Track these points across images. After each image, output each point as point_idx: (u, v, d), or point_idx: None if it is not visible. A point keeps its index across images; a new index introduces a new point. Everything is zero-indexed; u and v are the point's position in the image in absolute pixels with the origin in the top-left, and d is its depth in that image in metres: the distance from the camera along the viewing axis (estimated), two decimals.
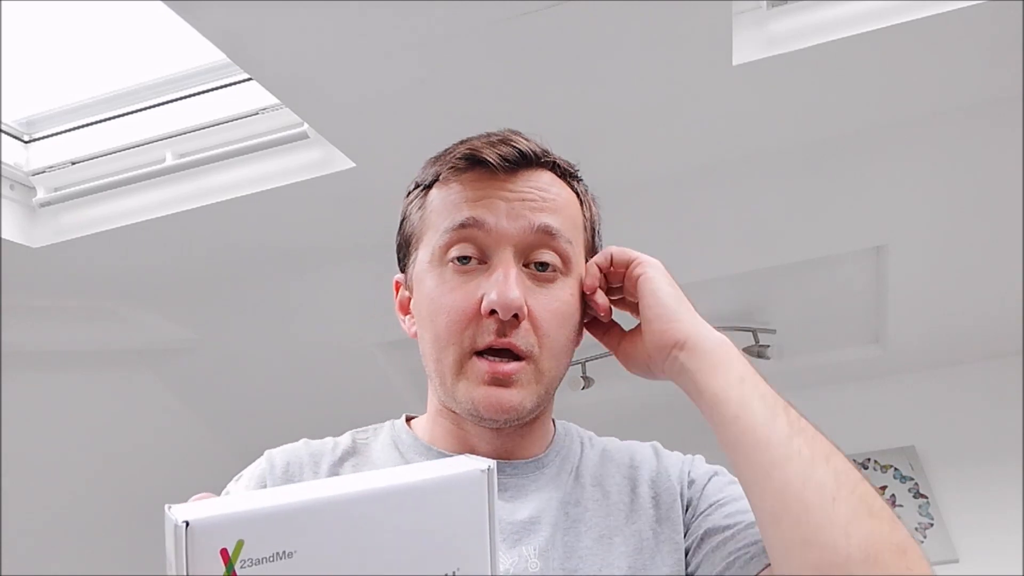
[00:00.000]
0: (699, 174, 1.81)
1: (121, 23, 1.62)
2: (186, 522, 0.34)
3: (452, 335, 0.60)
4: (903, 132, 1.73)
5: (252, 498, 0.37)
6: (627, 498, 0.66)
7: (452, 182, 0.64)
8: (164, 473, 2.60)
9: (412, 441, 0.68)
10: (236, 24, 1.21)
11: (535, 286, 0.61)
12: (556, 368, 0.63)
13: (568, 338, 0.64)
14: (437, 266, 0.62)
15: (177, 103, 1.75)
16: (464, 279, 0.61)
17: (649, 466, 0.69)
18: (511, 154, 0.62)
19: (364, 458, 0.67)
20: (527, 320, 0.60)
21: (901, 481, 2.45)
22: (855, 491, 0.50)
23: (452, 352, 0.61)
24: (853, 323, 2.44)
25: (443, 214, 0.63)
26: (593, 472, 0.68)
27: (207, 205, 1.72)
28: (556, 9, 1.24)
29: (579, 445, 0.71)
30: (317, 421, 2.59)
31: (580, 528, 0.62)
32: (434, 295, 0.62)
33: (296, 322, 2.24)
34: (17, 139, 1.80)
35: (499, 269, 0.60)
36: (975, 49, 1.46)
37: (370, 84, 1.39)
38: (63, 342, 2.09)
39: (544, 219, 0.62)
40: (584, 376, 2.48)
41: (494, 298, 0.58)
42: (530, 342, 0.60)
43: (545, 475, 0.66)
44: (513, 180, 0.62)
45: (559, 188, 0.65)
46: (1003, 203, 1.92)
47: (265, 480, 0.64)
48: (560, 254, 0.62)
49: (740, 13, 1.45)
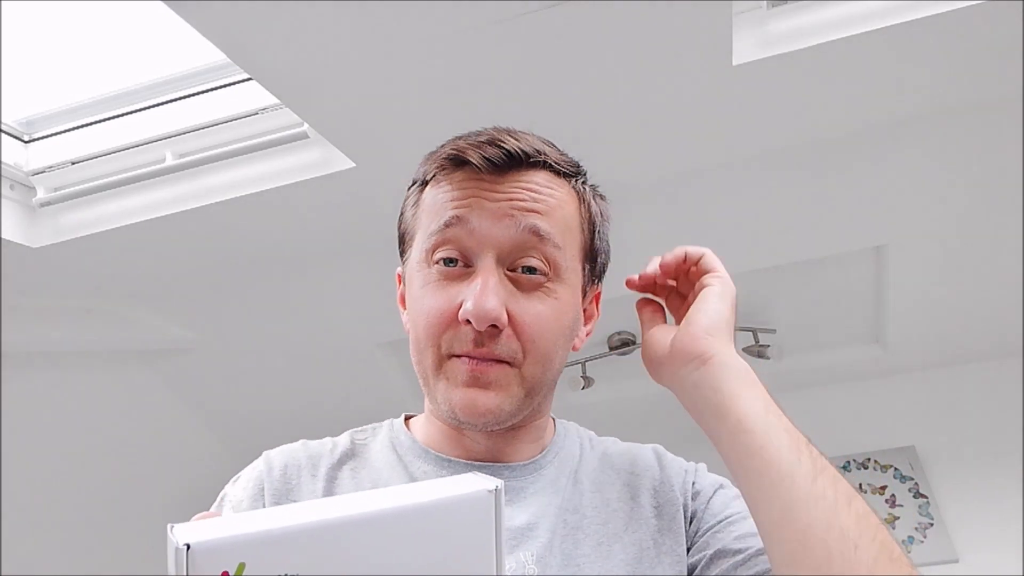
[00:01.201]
0: (699, 174, 1.81)
1: (121, 23, 1.62)
2: (187, 544, 0.34)
3: (430, 338, 0.60)
4: (903, 132, 1.73)
5: (255, 519, 0.37)
6: (627, 505, 0.65)
7: (442, 181, 0.63)
8: (164, 473, 2.61)
9: (410, 443, 0.67)
10: (236, 24, 1.21)
11: (519, 292, 0.60)
12: (543, 374, 0.62)
13: (556, 343, 0.62)
14: (425, 267, 0.62)
15: (177, 103, 1.75)
16: (446, 283, 0.60)
17: (651, 473, 0.68)
18: (497, 155, 0.60)
19: (362, 460, 0.66)
20: (509, 327, 0.59)
21: (901, 481, 2.45)
22: (876, 537, 0.49)
23: (431, 354, 0.60)
24: (853, 323, 2.44)
25: (431, 214, 0.62)
26: (593, 477, 0.67)
27: (207, 205, 1.72)
28: (556, 9, 1.24)
29: (578, 447, 0.70)
30: (317, 421, 2.60)
31: (578, 535, 0.61)
32: (418, 295, 0.62)
33: (296, 322, 2.24)
34: (17, 139, 1.80)
35: (479, 276, 0.58)
36: (975, 49, 1.46)
37: (370, 84, 1.39)
38: (63, 342, 2.09)
39: (531, 221, 0.60)
40: (584, 376, 2.48)
41: (469, 307, 0.57)
42: (512, 349, 0.59)
43: (543, 477, 0.65)
44: (501, 182, 0.61)
45: (553, 188, 0.63)
46: (1003, 203, 1.92)
47: (263, 482, 0.63)
48: (547, 258, 0.61)
49: (740, 13, 1.45)
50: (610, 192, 0.73)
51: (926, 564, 2.29)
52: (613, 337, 2.48)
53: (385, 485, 0.63)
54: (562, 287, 0.62)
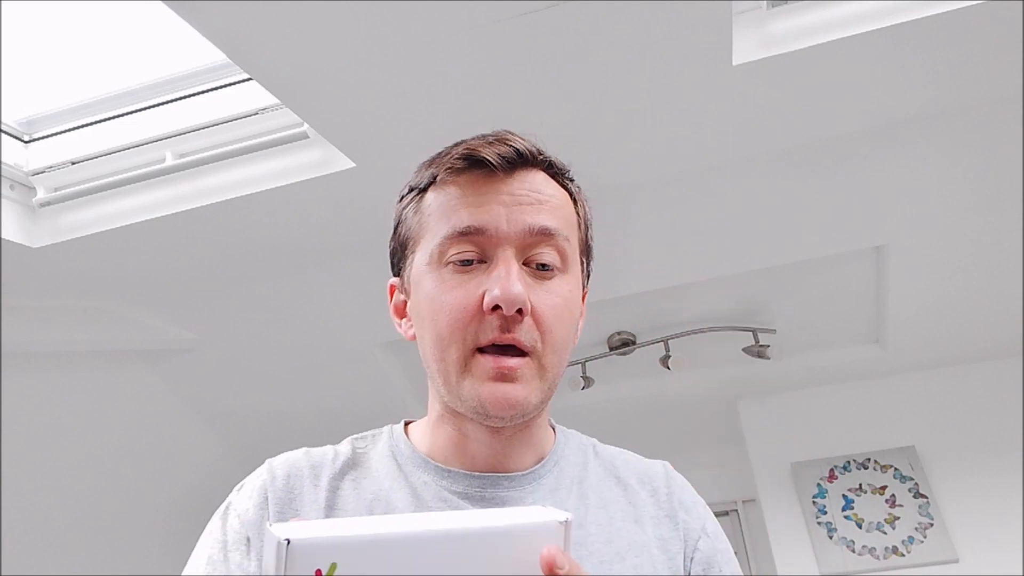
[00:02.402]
0: (699, 174, 1.82)
1: (121, 23, 1.62)
2: (287, 540, 0.38)
3: (455, 332, 0.60)
4: (903, 132, 1.73)
5: (351, 525, 0.41)
6: (632, 528, 0.65)
7: (449, 184, 0.64)
8: (163, 473, 2.61)
9: (410, 453, 0.67)
10: (236, 24, 1.21)
11: (535, 283, 0.62)
12: (558, 364, 0.63)
13: (568, 334, 0.64)
14: (436, 267, 0.62)
15: (177, 103, 1.75)
16: (465, 277, 0.61)
17: (659, 499, 0.68)
18: (509, 153, 0.62)
19: (364, 470, 0.66)
20: (529, 316, 0.60)
21: (901, 481, 2.46)
22: None
23: (456, 350, 0.60)
24: (853, 323, 2.44)
25: (441, 218, 0.63)
26: (599, 491, 0.67)
27: (207, 205, 1.72)
28: (556, 9, 1.24)
29: (581, 455, 0.70)
30: (317, 421, 2.60)
31: (582, 552, 0.61)
32: (434, 295, 0.62)
33: (296, 322, 2.24)
34: (17, 139, 1.80)
35: (500, 266, 0.60)
36: (975, 49, 1.46)
37: (370, 84, 1.39)
38: (63, 342, 2.09)
39: (542, 220, 0.62)
40: (584, 376, 2.48)
41: (497, 293, 0.58)
42: (533, 337, 0.60)
43: (542, 487, 0.65)
44: (510, 181, 0.63)
45: (553, 188, 0.65)
46: (1003, 203, 1.92)
47: (267, 491, 0.63)
48: (559, 252, 0.63)
49: (740, 13, 1.45)
50: (610, 192, 0.73)
51: (926, 564, 2.29)
52: (613, 337, 2.48)
53: (387, 495, 0.63)
54: (571, 281, 0.64)
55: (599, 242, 0.74)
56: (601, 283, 2.27)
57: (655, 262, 2.09)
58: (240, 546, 0.60)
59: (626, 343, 2.46)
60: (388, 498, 0.63)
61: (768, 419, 2.68)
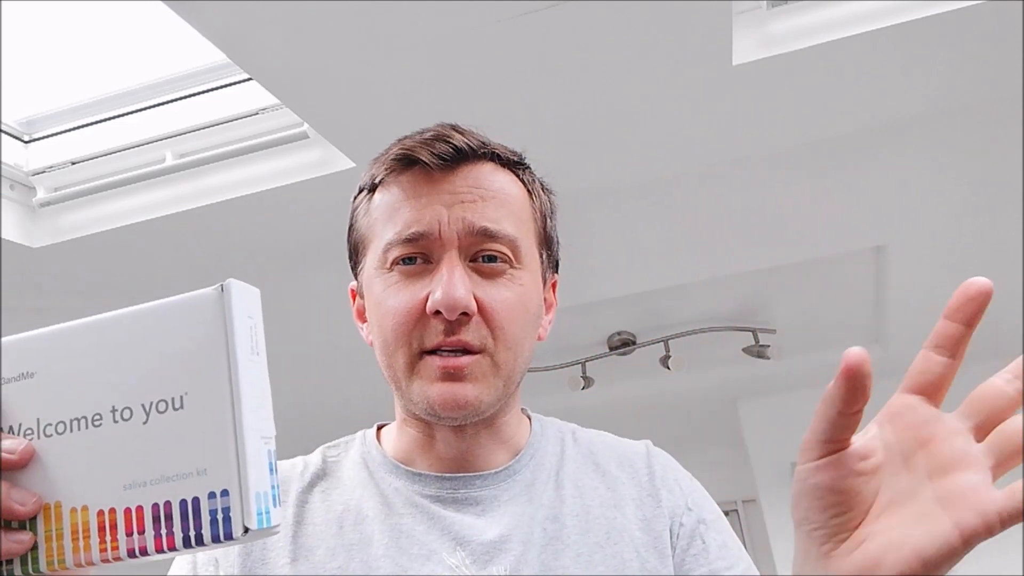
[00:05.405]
0: (699, 174, 1.81)
1: (121, 23, 1.62)
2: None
3: (400, 337, 0.59)
4: (903, 132, 1.73)
5: None
6: (610, 513, 0.63)
7: (392, 185, 0.63)
8: None
9: (381, 458, 0.66)
10: (236, 24, 1.21)
11: (483, 280, 0.60)
12: (514, 360, 0.61)
13: (524, 328, 0.62)
14: (383, 271, 0.62)
15: (177, 103, 1.75)
16: (409, 280, 0.60)
17: (639, 480, 0.66)
18: (446, 151, 0.61)
19: (334, 480, 0.65)
20: (478, 315, 0.59)
21: None
22: None
23: (402, 354, 0.60)
24: (853, 323, 2.44)
25: (387, 221, 0.62)
26: (575, 479, 0.65)
27: (207, 205, 1.72)
28: (556, 9, 1.24)
29: (559, 444, 0.68)
30: (316, 420, 2.60)
31: (558, 545, 0.60)
32: (380, 298, 0.61)
33: (296, 322, 2.24)
34: (17, 139, 1.80)
35: (443, 268, 0.58)
36: (975, 49, 1.46)
37: (370, 84, 1.39)
38: None
39: (486, 211, 0.60)
40: (584, 376, 2.48)
41: (438, 297, 0.57)
42: (482, 335, 0.59)
43: (517, 483, 0.64)
44: (452, 178, 0.61)
45: (502, 180, 0.63)
46: (1003, 203, 1.92)
47: None
48: (506, 246, 0.61)
49: (740, 13, 1.45)
50: (609, 192, 0.73)
51: None
52: (613, 337, 2.48)
53: (357, 505, 0.63)
54: (524, 274, 0.62)
55: (599, 242, 0.74)
56: (601, 283, 2.27)
57: (655, 262, 2.09)
58: (208, 567, 0.60)
59: (626, 343, 2.46)
60: (358, 507, 0.62)
61: (768, 419, 2.68)
